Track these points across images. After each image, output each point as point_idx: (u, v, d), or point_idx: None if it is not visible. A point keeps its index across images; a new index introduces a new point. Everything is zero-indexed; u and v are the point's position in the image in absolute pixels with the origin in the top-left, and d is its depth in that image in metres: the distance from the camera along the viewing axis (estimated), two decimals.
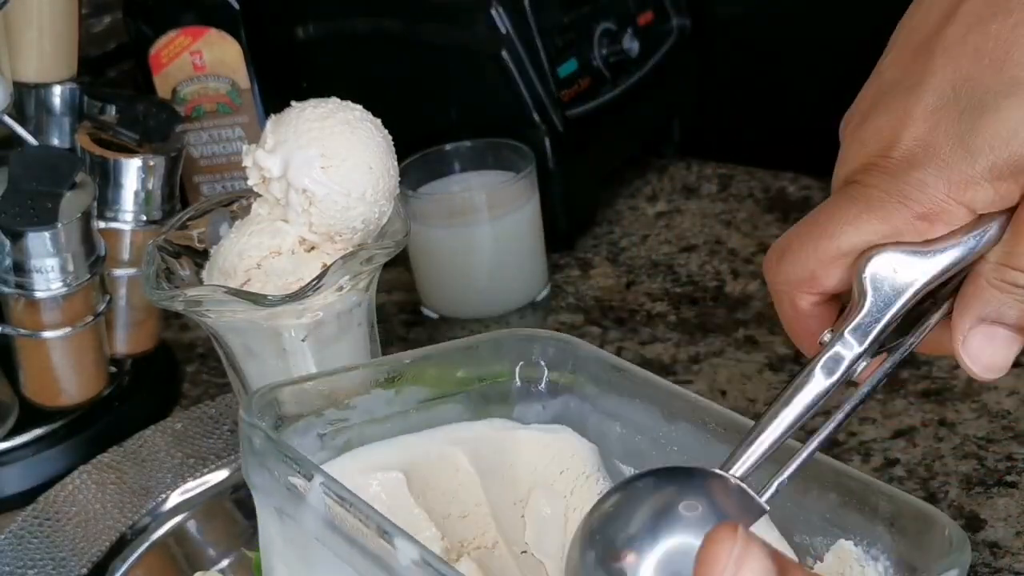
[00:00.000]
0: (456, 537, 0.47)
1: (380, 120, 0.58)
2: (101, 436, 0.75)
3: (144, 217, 0.76)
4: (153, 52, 0.90)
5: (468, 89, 0.89)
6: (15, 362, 0.74)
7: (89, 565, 0.65)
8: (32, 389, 0.74)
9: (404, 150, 0.63)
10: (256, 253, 0.57)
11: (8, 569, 0.64)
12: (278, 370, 0.57)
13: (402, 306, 0.88)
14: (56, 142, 0.80)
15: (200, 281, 0.59)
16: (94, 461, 0.72)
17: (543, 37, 0.87)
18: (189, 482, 0.71)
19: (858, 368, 0.41)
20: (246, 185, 0.58)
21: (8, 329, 0.72)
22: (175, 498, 0.70)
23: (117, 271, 0.76)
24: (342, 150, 0.55)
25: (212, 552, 0.69)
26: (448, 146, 0.85)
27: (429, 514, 0.46)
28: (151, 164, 0.75)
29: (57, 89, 0.79)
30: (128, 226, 0.76)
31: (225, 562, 0.67)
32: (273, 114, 0.58)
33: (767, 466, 0.40)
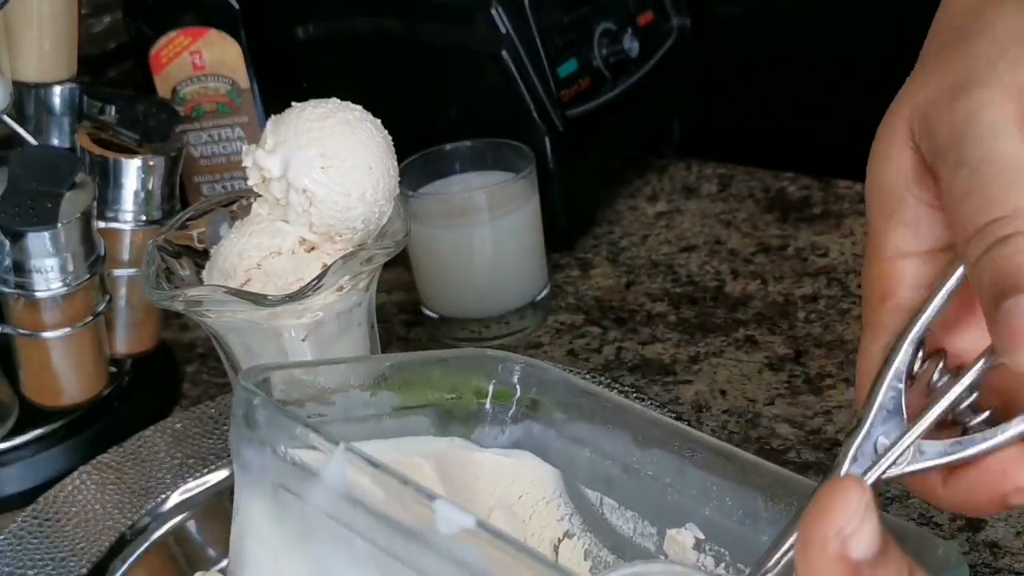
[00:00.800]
0: None
1: (380, 120, 0.58)
2: (101, 436, 0.75)
3: (144, 217, 0.76)
4: (153, 52, 0.90)
5: (468, 89, 0.89)
6: (15, 362, 0.74)
7: (89, 565, 0.65)
8: (32, 389, 0.74)
9: (404, 150, 0.63)
10: (256, 253, 0.57)
11: (8, 569, 0.64)
12: None
13: (402, 306, 0.88)
14: (56, 142, 0.79)
15: (200, 281, 0.59)
16: (94, 461, 0.72)
17: (543, 37, 0.87)
18: (189, 482, 0.71)
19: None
20: (246, 185, 0.58)
21: (8, 329, 0.72)
22: (175, 498, 0.70)
23: (117, 271, 0.76)
24: (342, 150, 0.55)
25: (212, 552, 0.69)
26: (448, 146, 0.85)
27: None
28: (151, 164, 0.75)
29: (57, 89, 0.79)
30: (128, 226, 0.76)
31: (225, 562, 0.66)
32: (273, 114, 0.58)
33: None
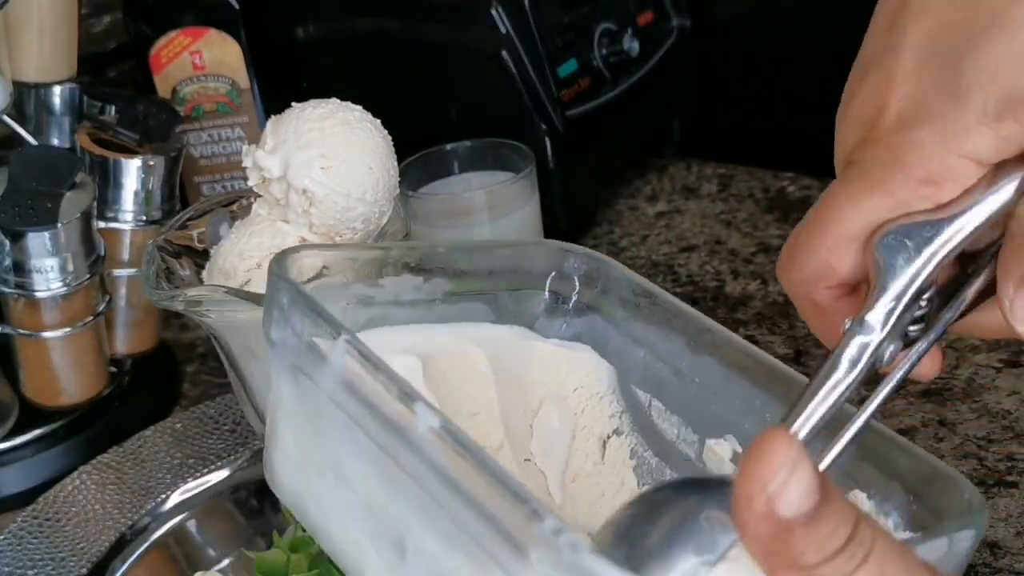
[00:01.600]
0: None
1: (380, 120, 0.58)
2: (101, 436, 0.75)
3: (144, 217, 0.76)
4: (153, 52, 0.90)
5: (468, 89, 0.89)
6: (15, 362, 0.74)
7: (89, 565, 0.65)
8: (32, 389, 0.74)
9: (404, 150, 0.63)
10: (256, 253, 0.57)
11: (8, 569, 0.64)
12: None
13: None
14: (56, 142, 0.79)
15: (200, 281, 0.59)
16: (94, 461, 0.72)
17: (543, 37, 0.87)
18: (189, 482, 0.71)
19: (885, 354, 0.38)
20: (246, 185, 0.58)
21: (8, 329, 0.72)
22: (175, 498, 0.70)
23: (117, 271, 0.76)
24: (342, 151, 0.55)
25: (212, 552, 0.69)
26: (448, 146, 0.85)
27: (440, 406, 0.45)
28: (151, 164, 0.75)
29: (57, 89, 0.79)
30: (128, 226, 0.76)
31: (225, 562, 0.67)
32: (273, 115, 0.58)
33: None
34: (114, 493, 0.70)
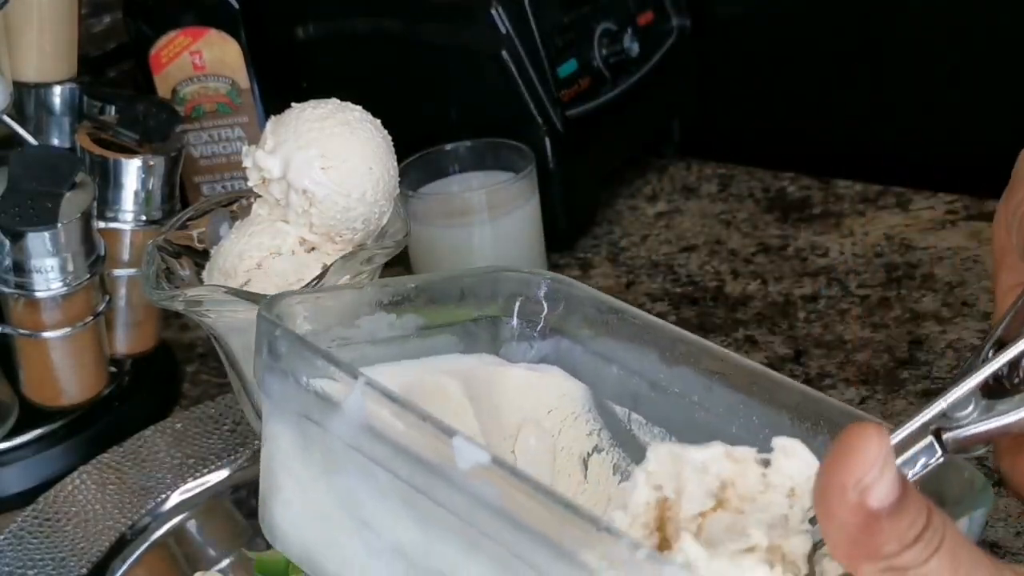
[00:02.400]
0: None
1: (380, 120, 0.58)
2: (101, 436, 0.75)
3: (144, 217, 0.76)
4: (153, 52, 0.90)
5: (468, 89, 0.89)
6: (15, 362, 0.74)
7: (89, 565, 0.65)
8: (32, 389, 0.74)
9: (404, 150, 0.63)
10: (256, 253, 0.57)
11: (8, 569, 0.64)
12: None
13: None
14: (56, 142, 0.79)
15: (200, 281, 0.59)
16: (94, 461, 0.72)
17: (543, 37, 0.87)
18: (189, 482, 0.71)
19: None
20: (246, 185, 0.58)
21: (8, 329, 0.72)
22: (175, 498, 0.70)
23: (117, 271, 0.76)
24: (342, 151, 0.55)
25: (212, 552, 0.69)
26: (448, 146, 0.85)
27: None
28: (151, 164, 0.75)
29: (57, 89, 0.79)
30: (128, 226, 0.76)
31: (225, 562, 0.67)
32: (273, 115, 0.58)
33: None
34: (114, 493, 0.70)
